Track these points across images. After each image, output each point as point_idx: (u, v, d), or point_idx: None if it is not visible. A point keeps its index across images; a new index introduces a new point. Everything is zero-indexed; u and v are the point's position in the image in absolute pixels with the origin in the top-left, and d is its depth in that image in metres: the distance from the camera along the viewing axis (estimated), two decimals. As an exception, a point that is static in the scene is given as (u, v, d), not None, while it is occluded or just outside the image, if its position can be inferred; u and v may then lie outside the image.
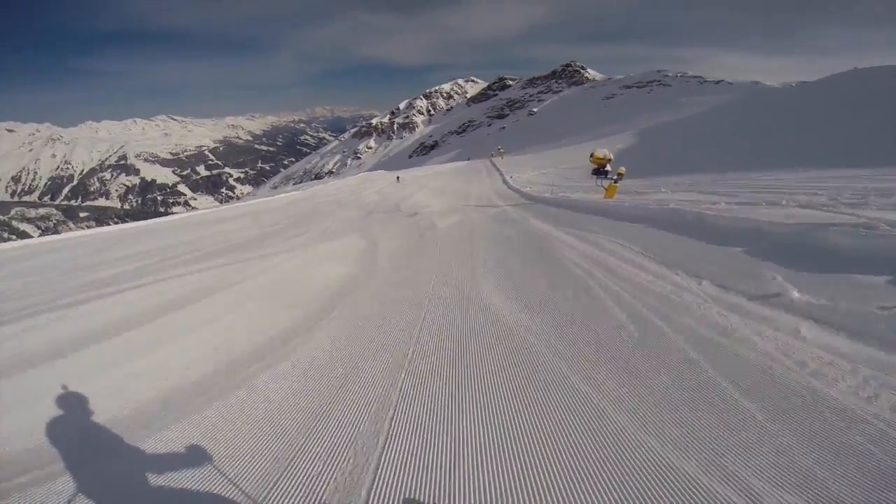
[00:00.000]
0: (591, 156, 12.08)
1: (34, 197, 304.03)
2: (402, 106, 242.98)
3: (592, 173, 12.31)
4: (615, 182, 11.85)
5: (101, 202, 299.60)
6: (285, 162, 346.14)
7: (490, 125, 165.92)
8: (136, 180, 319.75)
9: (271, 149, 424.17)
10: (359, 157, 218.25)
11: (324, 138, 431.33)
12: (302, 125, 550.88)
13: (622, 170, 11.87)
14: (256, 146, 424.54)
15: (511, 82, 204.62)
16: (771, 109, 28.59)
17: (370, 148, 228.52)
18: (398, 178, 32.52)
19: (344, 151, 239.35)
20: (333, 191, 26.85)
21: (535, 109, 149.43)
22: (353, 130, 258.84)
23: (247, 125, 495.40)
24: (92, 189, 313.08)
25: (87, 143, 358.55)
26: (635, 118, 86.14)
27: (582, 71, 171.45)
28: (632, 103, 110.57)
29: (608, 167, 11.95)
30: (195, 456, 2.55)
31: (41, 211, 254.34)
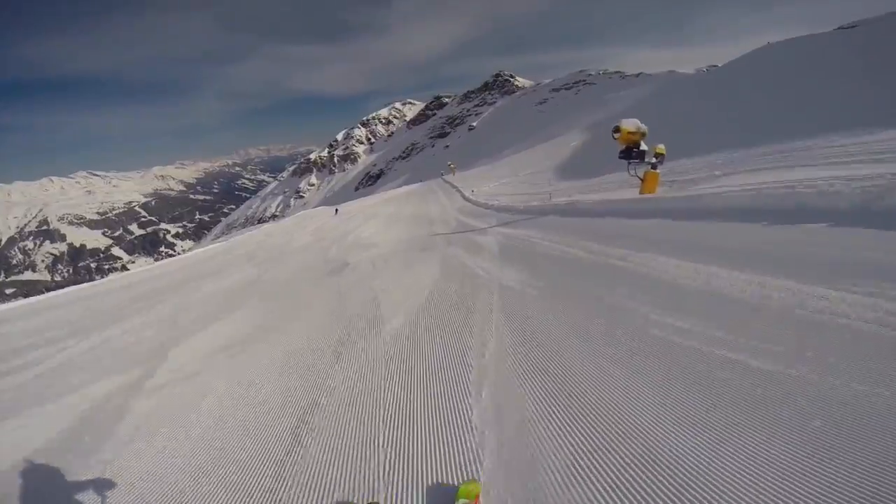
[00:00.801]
0: (617, 131, 8.22)
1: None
2: (339, 137, 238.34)
3: (621, 156, 8.42)
4: (655, 167, 8.31)
5: (28, 275, 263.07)
6: (225, 210, 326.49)
7: (433, 145, 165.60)
8: (63, 247, 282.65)
9: (208, 197, 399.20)
10: (302, 196, 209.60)
11: (263, 180, 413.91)
12: (237, 169, 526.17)
13: (661, 148, 8.26)
14: (191, 196, 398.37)
15: (447, 100, 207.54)
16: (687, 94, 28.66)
17: (312, 185, 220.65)
18: (336, 210, 29.00)
19: (285, 192, 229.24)
20: (262, 236, 22.01)
21: (474, 124, 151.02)
22: (291, 169, 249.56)
23: (177, 174, 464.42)
24: (14, 262, 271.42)
25: (1, 209, 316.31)
26: (571, 118, 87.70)
27: (512, 80, 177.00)
28: (563, 105, 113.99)
29: (642, 145, 8.31)
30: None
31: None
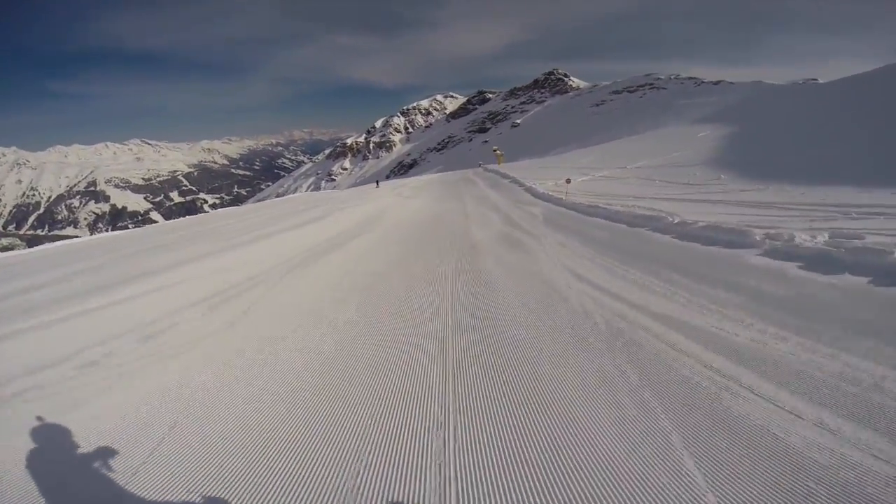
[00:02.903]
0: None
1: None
2: (378, 124, 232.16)
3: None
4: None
5: (70, 231, 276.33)
6: (262, 186, 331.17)
7: (471, 140, 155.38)
8: (106, 207, 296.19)
9: (248, 173, 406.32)
10: (333, 179, 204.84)
11: (302, 161, 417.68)
12: (280, 148, 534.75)
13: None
14: (233, 170, 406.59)
15: (491, 95, 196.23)
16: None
17: (345, 169, 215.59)
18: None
19: (318, 173, 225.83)
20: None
21: (518, 121, 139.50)
22: (327, 151, 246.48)
23: (223, 149, 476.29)
24: (59, 217, 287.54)
25: (55, 169, 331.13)
26: (635, 123, 75.20)
27: (565, 79, 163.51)
28: (625, 109, 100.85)
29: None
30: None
31: (4, 241, 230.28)
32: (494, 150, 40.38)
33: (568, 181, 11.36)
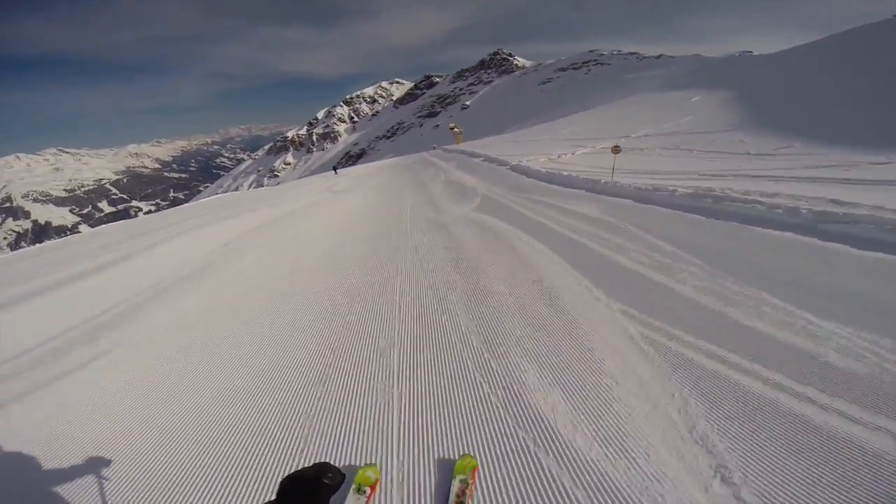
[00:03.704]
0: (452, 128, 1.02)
1: None
2: (320, 115, 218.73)
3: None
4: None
5: None
6: (201, 188, 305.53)
7: (422, 125, 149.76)
8: (27, 224, 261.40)
9: (184, 175, 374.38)
10: (276, 175, 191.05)
11: (242, 159, 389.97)
12: (216, 147, 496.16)
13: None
14: (166, 174, 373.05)
15: (438, 79, 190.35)
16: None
17: (288, 164, 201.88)
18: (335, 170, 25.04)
19: (259, 170, 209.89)
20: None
21: (467, 103, 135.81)
22: (267, 147, 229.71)
23: (153, 152, 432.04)
24: None
25: None
26: (586, 98, 74.41)
27: (511, 59, 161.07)
28: (573, 85, 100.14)
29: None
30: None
31: None
32: (451, 128, 36.23)
33: (616, 150, 6.89)
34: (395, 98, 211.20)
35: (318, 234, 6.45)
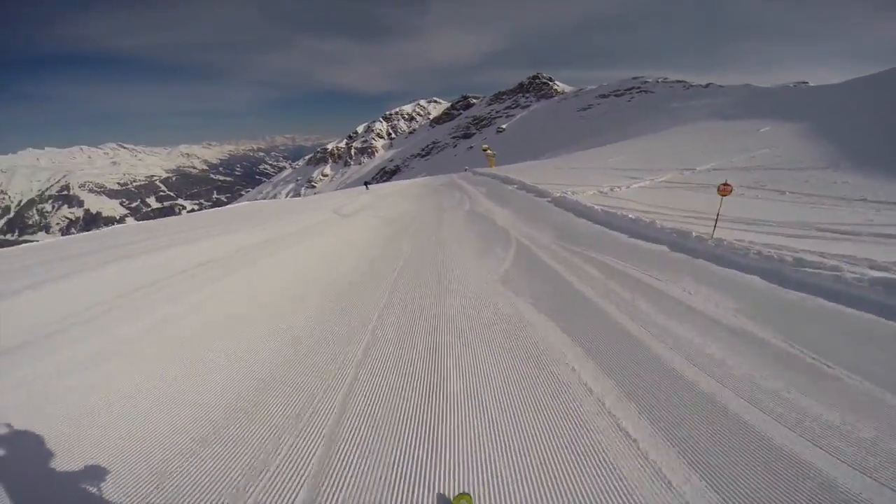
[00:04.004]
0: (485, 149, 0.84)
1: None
2: (360, 130, 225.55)
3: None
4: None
5: (41, 237, 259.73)
6: (242, 192, 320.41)
7: (455, 146, 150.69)
8: (79, 213, 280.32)
9: (228, 178, 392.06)
10: (313, 186, 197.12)
11: (283, 167, 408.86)
12: (261, 154, 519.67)
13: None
14: (212, 176, 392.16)
15: (475, 100, 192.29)
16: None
17: (326, 175, 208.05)
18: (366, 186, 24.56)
19: (298, 179, 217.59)
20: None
21: (503, 126, 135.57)
22: (308, 157, 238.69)
23: (202, 154, 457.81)
24: (31, 222, 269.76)
25: (27, 172, 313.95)
26: (627, 126, 72.12)
27: (550, 83, 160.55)
28: (614, 112, 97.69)
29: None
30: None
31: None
32: (485, 150, 34.90)
33: (726, 191, 4.72)
34: (431, 117, 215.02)
35: (255, 291, 4.81)
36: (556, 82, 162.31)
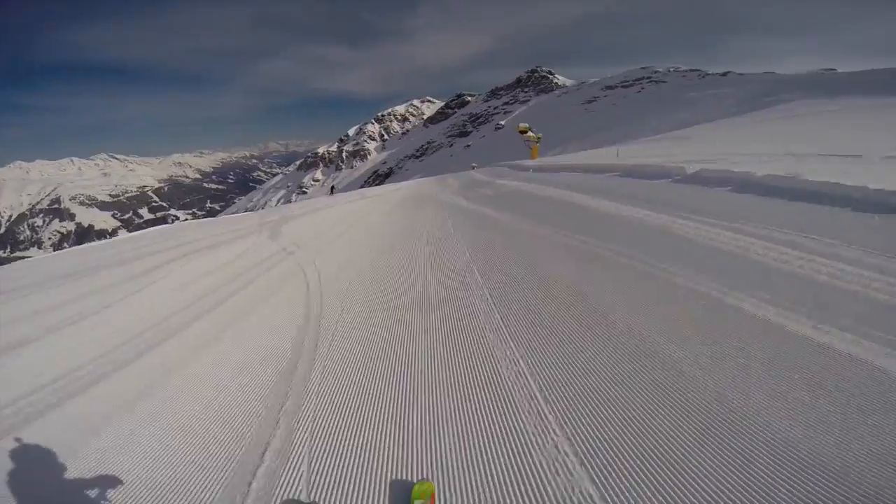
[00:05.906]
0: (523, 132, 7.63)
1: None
2: (351, 133, 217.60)
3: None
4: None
5: (33, 252, 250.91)
6: (236, 200, 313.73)
7: (452, 145, 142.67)
8: (71, 226, 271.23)
9: (221, 187, 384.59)
10: (304, 192, 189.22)
11: (277, 174, 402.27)
12: (255, 161, 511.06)
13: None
14: (205, 185, 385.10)
15: (471, 98, 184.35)
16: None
17: (317, 180, 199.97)
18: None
19: (288, 185, 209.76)
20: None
21: (502, 122, 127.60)
22: (298, 163, 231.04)
23: (195, 162, 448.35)
24: (22, 238, 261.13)
25: (16, 185, 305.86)
26: (642, 119, 64.05)
27: (550, 77, 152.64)
28: (624, 104, 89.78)
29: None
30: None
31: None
32: (523, 131, 25.79)
33: None
34: (425, 116, 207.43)
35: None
36: (557, 75, 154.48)
